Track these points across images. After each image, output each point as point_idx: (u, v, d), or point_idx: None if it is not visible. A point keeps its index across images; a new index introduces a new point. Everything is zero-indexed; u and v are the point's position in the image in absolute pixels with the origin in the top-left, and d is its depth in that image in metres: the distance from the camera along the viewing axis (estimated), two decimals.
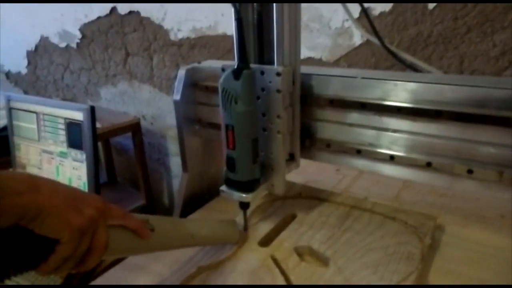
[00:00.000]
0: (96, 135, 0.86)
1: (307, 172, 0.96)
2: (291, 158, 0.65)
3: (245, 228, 0.65)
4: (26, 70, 2.03)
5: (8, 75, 2.14)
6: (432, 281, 0.58)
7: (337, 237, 0.64)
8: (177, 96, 0.75)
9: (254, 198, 0.60)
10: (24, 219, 0.35)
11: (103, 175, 1.77)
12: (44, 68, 1.94)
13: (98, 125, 1.36)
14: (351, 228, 0.67)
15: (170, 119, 1.58)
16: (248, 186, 0.59)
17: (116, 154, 1.83)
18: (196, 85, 0.75)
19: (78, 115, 0.87)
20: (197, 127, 0.78)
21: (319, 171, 0.97)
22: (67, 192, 0.40)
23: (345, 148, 0.62)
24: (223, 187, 0.61)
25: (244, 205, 0.62)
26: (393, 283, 0.53)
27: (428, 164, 0.54)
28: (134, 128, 1.49)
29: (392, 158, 0.57)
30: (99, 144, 1.67)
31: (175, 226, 0.55)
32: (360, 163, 0.62)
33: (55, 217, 0.36)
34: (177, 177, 1.68)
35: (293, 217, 0.71)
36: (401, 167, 0.57)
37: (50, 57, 1.87)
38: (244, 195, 0.59)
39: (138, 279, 0.60)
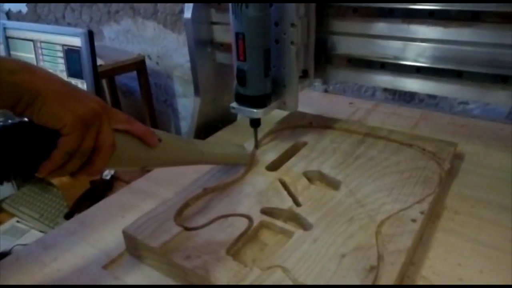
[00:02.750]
0: (95, 62, 0.81)
1: (319, 105, 0.91)
2: (305, 75, 0.60)
3: (256, 146, 0.62)
4: (26, 9, 1.95)
5: (8, 14, 2.07)
6: (449, 204, 0.55)
7: (349, 162, 0.61)
8: (188, 14, 0.69)
9: (265, 114, 0.57)
10: (20, 102, 0.31)
11: None
12: (45, 6, 1.86)
13: (101, 62, 1.31)
14: (364, 155, 0.63)
15: (176, 58, 1.52)
16: (259, 101, 0.55)
17: (123, 96, 1.80)
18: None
19: (76, 41, 0.82)
20: (209, 49, 0.73)
21: (331, 105, 0.92)
22: (64, 82, 0.36)
23: (367, 63, 0.56)
24: (233, 104, 0.58)
25: (254, 122, 0.59)
26: (408, 205, 0.50)
27: (459, 75, 0.49)
28: (139, 66, 1.43)
29: (418, 71, 0.52)
30: (104, 84, 1.63)
31: (183, 141, 0.52)
32: (384, 79, 0.56)
33: (54, 102, 0.32)
34: (184, 119, 1.65)
35: (303, 144, 0.68)
36: (428, 80, 0.52)
37: None
38: (255, 110, 0.56)
39: (143, 202, 0.59)
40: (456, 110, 0.97)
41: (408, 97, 1.05)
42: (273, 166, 0.61)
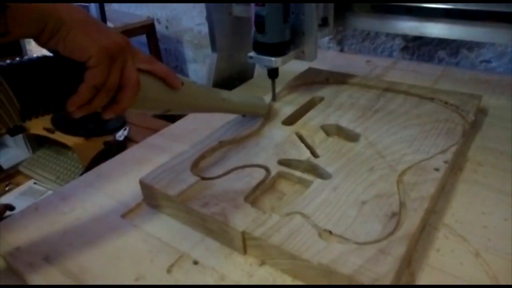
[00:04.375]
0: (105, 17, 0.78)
1: (334, 64, 0.88)
2: (324, 23, 0.58)
3: (273, 99, 0.60)
4: None
5: None
6: (472, 156, 0.53)
7: (368, 116, 0.59)
8: None
9: (283, 63, 0.55)
10: (44, 30, 0.31)
11: None
12: None
13: (111, 25, 1.29)
14: (383, 108, 0.61)
15: (185, 22, 1.48)
16: (277, 49, 0.54)
17: None
18: None
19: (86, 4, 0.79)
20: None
21: (347, 63, 0.89)
22: (87, 13, 0.34)
23: (391, 8, 0.54)
24: (251, 53, 0.56)
25: (272, 73, 0.57)
26: (430, 155, 0.48)
27: (490, 16, 0.46)
28: (149, 29, 1.41)
29: (447, 14, 0.49)
30: None
31: (205, 87, 0.52)
32: (409, 25, 0.54)
33: (79, 32, 0.32)
34: None
35: (320, 99, 0.66)
36: (457, 24, 0.49)
37: None
38: (273, 59, 0.54)
39: (158, 156, 0.58)
40: (478, 69, 0.93)
41: (427, 57, 1.02)
42: (290, 121, 0.60)
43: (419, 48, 1.01)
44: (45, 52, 0.34)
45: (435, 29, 0.52)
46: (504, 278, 0.36)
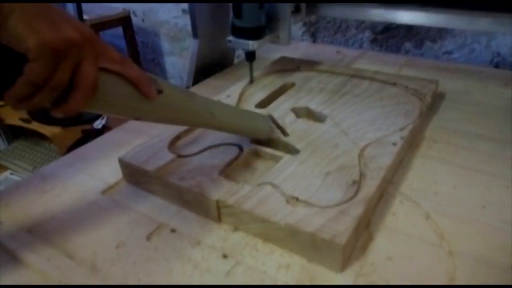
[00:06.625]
0: (82, 17, 0.80)
1: (306, 53, 0.92)
2: (297, 10, 0.63)
3: (251, 81, 0.64)
4: None
5: None
6: (428, 135, 0.58)
7: (335, 100, 0.63)
8: None
9: (260, 46, 0.59)
10: None
11: None
12: None
13: (86, 17, 1.28)
14: (349, 92, 0.66)
15: (162, 14, 1.49)
16: (254, 33, 0.58)
17: None
18: None
19: None
20: None
21: (318, 53, 0.94)
22: (43, 2, 0.30)
23: None
24: (230, 37, 0.60)
25: (250, 56, 0.61)
26: (389, 133, 0.53)
27: (448, 3, 0.51)
28: (124, 22, 1.41)
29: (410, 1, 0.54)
30: None
31: (190, 97, 0.43)
32: (377, 12, 0.59)
33: (20, 21, 0.28)
34: (173, 77, 1.64)
35: (292, 85, 0.70)
36: (419, 11, 0.54)
37: None
38: (250, 42, 0.58)
39: (136, 139, 0.60)
40: (441, 59, 1.00)
41: (394, 48, 1.07)
42: (262, 104, 0.63)
43: (387, 40, 1.06)
44: None
45: (399, 16, 0.57)
46: (449, 235, 0.41)
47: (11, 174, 0.99)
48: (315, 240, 0.37)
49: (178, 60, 1.57)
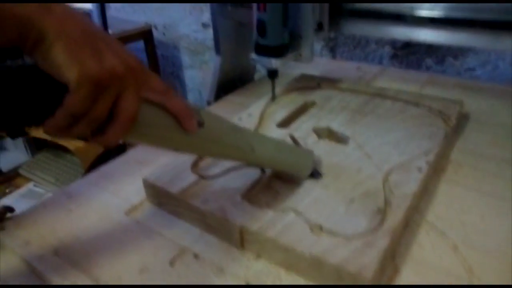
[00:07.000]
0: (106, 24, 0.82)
1: (326, 69, 0.92)
2: (320, 27, 0.64)
3: (273, 98, 0.65)
4: None
5: None
6: (454, 158, 0.57)
7: (356, 120, 0.63)
8: None
9: (282, 65, 0.60)
10: (27, 41, 0.26)
11: None
12: None
13: (110, 31, 1.31)
14: (372, 113, 0.65)
15: (182, 28, 1.51)
16: (277, 51, 0.59)
17: None
18: None
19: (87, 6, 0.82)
20: (229, 8, 0.76)
21: (338, 69, 0.93)
22: (89, 26, 0.29)
23: (381, 15, 0.59)
24: (253, 55, 0.61)
25: (272, 73, 0.62)
26: (413, 157, 0.52)
27: (471, 24, 0.50)
28: (146, 35, 1.44)
29: (432, 21, 0.54)
30: None
31: (233, 130, 0.42)
32: (398, 30, 0.59)
33: (63, 50, 0.27)
34: (191, 91, 1.66)
35: (312, 104, 0.69)
36: (441, 30, 0.54)
37: None
38: (273, 60, 0.59)
39: (159, 158, 0.60)
40: (463, 76, 0.98)
41: (415, 65, 1.06)
42: (283, 124, 0.63)
43: (407, 56, 1.05)
44: None
45: (422, 35, 0.57)
46: (479, 270, 0.39)
47: (34, 185, 1.02)
48: (340, 272, 0.36)
49: (197, 73, 1.59)
